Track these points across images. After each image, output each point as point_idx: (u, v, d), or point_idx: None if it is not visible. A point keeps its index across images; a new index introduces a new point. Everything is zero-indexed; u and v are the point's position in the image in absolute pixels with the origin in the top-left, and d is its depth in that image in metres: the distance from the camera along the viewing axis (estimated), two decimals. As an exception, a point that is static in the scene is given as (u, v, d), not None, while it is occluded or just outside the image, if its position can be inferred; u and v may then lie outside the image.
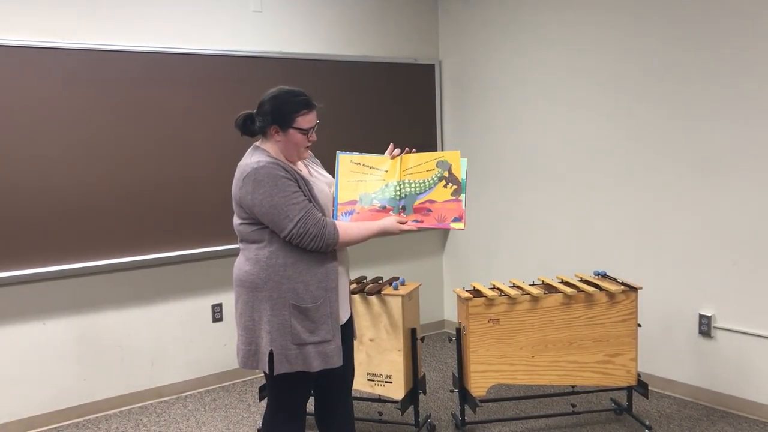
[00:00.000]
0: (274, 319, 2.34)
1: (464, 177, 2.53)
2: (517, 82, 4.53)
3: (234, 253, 4.19)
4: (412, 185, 2.54)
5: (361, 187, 2.53)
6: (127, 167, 3.82)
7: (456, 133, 5.03)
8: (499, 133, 4.69)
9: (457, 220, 2.50)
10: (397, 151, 2.59)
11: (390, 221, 2.47)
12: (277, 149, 2.41)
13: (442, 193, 2.52)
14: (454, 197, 2.51)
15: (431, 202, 2.52)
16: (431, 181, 2.53)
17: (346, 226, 2.41)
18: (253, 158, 2.35)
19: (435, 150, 5.05)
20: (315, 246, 2.33)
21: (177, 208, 3.99)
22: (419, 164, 2.55)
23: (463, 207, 2.51)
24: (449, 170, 2.53)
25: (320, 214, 2.36)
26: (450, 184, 2.52)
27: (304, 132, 2.39)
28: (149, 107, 3.86)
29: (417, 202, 2.52)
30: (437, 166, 2.54)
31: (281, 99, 2.37)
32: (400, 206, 2.52)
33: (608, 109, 3.98)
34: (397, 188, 2.53)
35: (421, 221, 2.51)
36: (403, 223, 2.48)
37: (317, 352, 2.37)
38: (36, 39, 3.56)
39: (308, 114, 2.38)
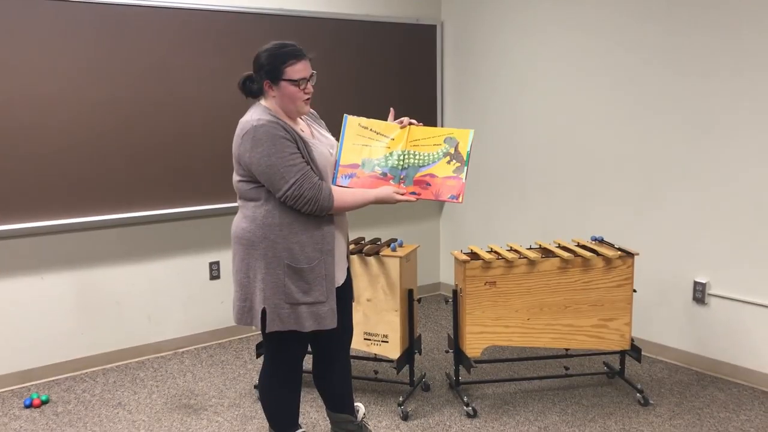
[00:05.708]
0: (268, 277, 2.34)
1: (469, 149, 2.51)
2: (521, 46, 4.47)
3: (232, 212, 4.18)
4: (416, 157, 2.52)
5: (365, 152, 2.51)
6: (126, 124, 3.79)
7: (457, 97, 4.98)
8: (501, 98, 4.64)
9: (454, 197, 2.48)
10: (407, 120, 2.56)
11: (387, 191, 2.45)
12: (276, 106, 2.39)
13: (444, 169, 2.50)
14: (455, 174, 2.49)
15: (432, 176, 2.50)
16: (436, 156, 2.51)
17: (342, 192, 2.38)
18: (254, 115, 2.33)
19: (435, 117, 5.01)
20: (309, 209, 2.32)
21: (176, 165, 3.96)
22: (427, 137, 2.52)
23: (463, 181, 2.49)
24: (456, 147, 2.51)
25: (317, 178, 2.33)
26: (454, 161, 2.50)
27: (296, 83, 2.34)
28: (146, 63, 3.81)
29: (418, 175, 2.51)
30: (444, 142, 2.52)
31: (269, 52, 2.34)
32: (401, 176, 2.51)
33: (610, 74, 3.94)
34: (401, 157, 2.52)
35: (419, 194, 2.50)
36: (401, 194, 2.46)
37: (310, 313, 2.38)
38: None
39: (297, 63, 2.33)
